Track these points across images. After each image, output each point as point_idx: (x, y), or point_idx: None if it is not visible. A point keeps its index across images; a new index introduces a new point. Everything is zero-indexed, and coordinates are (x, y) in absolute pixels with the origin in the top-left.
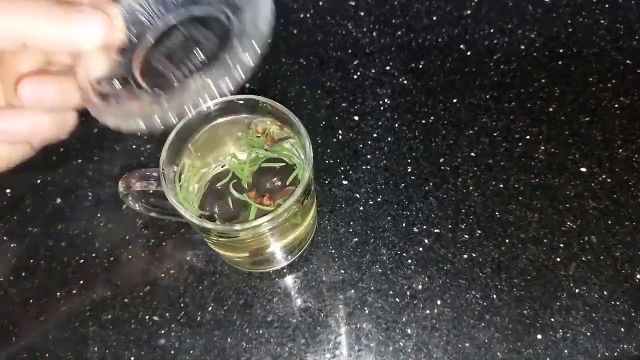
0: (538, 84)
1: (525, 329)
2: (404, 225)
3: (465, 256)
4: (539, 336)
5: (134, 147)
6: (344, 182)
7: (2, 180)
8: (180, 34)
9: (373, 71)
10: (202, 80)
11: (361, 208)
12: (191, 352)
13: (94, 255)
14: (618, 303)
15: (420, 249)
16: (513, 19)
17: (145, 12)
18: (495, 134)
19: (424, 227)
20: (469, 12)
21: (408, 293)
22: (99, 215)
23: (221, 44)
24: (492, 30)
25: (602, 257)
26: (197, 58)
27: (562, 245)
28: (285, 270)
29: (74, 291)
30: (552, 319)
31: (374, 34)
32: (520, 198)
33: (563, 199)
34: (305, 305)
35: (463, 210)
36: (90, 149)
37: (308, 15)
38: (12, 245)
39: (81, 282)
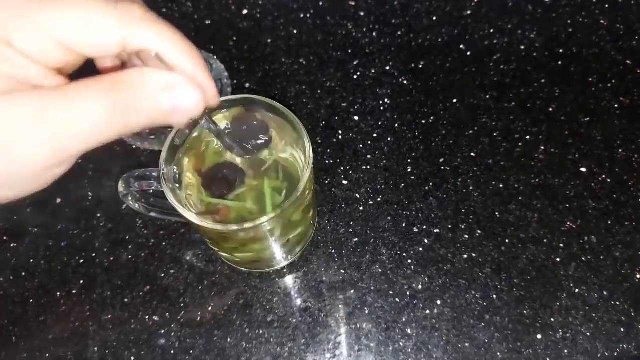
0: (538, 84)
1: (525, 329)
2: (404, 225)
3: (465, 256)
4: (539, 336)
5: (134, 147)
6: (344, 182)
7: None
8: None
9: (373, 71)
10: None
11: (361, 208)
12: (191, 352)
13: (94, 255)
14: (618, 303)
15: (420, 249)
16: (513, 19)
17: None
18: (495, 134)
19: (424, 227)
20: (469, 12)
21: (408, 293)
22: (99, 215)
23: None
24: (492, 30)
25: (602, 257)
26: None
27: (562, 245)
28: (285, 270)
29: (74, 291)
30: (552, 319)
31: (374, 34)
32: (520, 198)
33: (563, 199)
34: (305, 305)
35: (463, 210)
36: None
37: (308, 15)
38: (12, 245)
39: (81, 282)
